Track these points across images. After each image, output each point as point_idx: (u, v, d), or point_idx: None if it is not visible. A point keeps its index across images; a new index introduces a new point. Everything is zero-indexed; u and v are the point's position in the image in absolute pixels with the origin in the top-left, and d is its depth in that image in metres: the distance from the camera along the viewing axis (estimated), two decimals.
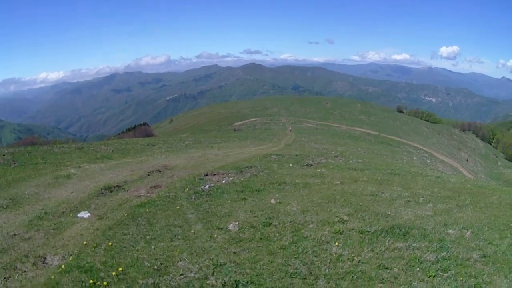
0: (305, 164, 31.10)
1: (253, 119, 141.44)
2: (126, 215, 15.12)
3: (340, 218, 14.57)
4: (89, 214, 15.31)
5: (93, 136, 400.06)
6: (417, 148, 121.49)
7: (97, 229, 13.46)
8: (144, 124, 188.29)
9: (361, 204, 16.81)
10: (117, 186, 20.56)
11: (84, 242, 12.15)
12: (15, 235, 13.04)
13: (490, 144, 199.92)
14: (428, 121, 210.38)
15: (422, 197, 19.00)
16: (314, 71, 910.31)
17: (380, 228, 13.46)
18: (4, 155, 31.69)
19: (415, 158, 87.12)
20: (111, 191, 19.48)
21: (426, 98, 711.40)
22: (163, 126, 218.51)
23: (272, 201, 17.00)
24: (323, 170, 27.86)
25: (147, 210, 15.87)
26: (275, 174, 24.59)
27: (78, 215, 15.26)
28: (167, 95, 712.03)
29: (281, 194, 18.58)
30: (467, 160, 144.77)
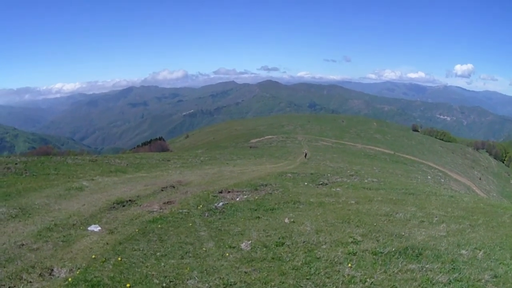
0: (320, 183, 31.00)
1: (269, 136, 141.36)
2: (137, 230, 14.94)
3: (354, 238, 14.33)
4: (99, 228, 15.14)
5: (108, 149, 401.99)
6: (432, 167, 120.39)
7: (107, 244, 13.29)
8: (160, 138, 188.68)
9: (375, 224, 16.60)
10: (129, 200, 20.43)
11: (93, 256, 12.00)
12: (22, 245, 12.91)
13: (503, 162, 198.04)
14: (442, 140, 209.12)
15: (436, 217, 18.80)
16: (330, 89, 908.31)
17: (393, 249, 13.17)
18: (16, 163, 31.73)
19: (429, 177, 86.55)
20: (123, 206, 19.36)
21: (441, 116, 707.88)
22: (179, 141, 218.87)
23: (286, 220, 16.76)
24: (338, 189, 27.67)
25: (159, 226, 15.68)
26: (290, 193, 24.39)
27: (89, 228, 15.12)
28: (183, 110, 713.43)
29: (295, 213, 18.34)
30: (480, 179, 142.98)
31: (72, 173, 30.15)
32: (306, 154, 77.62)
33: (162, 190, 24.20)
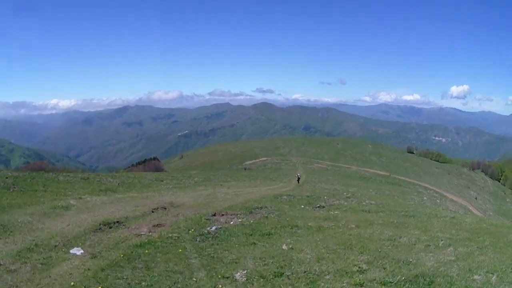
0: (318, 205, 30.19)
1: (264, 158, 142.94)
2: (122, 255, 13.81)
3: (359, 267, 13.36)
4: (82, 251, 14.10)
5: (103, 167, 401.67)
6: (427, 188, 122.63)
7: (88, 269, 12.29)
8: (155, 158, 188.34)
9: (379, 250, 15.70)
10: (117, 222, 19.34)
11: (72, 283, 11.07)
12: (0, 265, 12.13)
13: (499, 182, 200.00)
14: (438, 161, 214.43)
15: (442, 240, 18.00)
16: (325, 111, 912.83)
17: (403, 278, 12.25)
18: (6, 177, 31.53)
19: (425, 198, 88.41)
20: (110, 227, 18.28)
21: (436, 138, 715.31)
22: (174, 161, 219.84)
23: (284, 246, 15.76)
24: (336, 212, 26.80)
25: (146, 251, 14.54)
26: (287, 216, 23.45)
27: (71, 251, 14.12)
28: (178, 131, 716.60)
29: (293, 239, 17.34)
30: (475, 198, 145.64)
31: (61, 191, 29.47)
32: (299, 179, 70.61)
33: (152, 212, 23.13)
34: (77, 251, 14.11)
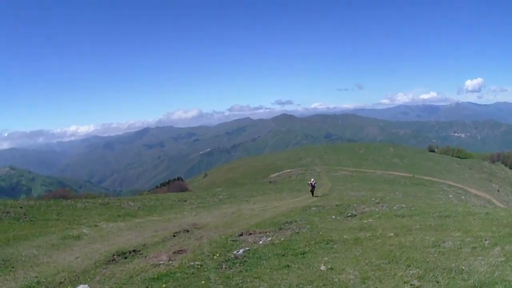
0: (349, 214, 28.81)
1: (288, 170, 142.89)
2: None
3: (411, 284, 11.72)
4: None
5: (126, 191, 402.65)
6: (451, 186, 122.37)
7: None
8: (179, 178, 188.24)
9: (427, 260, 14.03)
10: (133, 250, 17.79)
11: None
12: None
13: None
14: (459, 157, 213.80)
15: (486, 240, 16.59)
16: (345, 118, 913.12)
17: None
18: (21, 207, 30.67)
19: (451, 196, 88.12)
20: (125, 257, 16.72)
21: (456, 134, 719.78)
22: (198, 180, 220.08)
23: (322, 267, 13.94)
24: (370, 220, 25.31)
25: (164, 285, 12.70)
26: (319, 230, 21.83)
27: None
28: (200, 149, 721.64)
29: (330, 256, 15.57)
30: (498, 191, 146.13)
31: (75, 219, 28.24)
32: (313, 187, 54.34)
33: (174, 236, 21.60)
34: None
